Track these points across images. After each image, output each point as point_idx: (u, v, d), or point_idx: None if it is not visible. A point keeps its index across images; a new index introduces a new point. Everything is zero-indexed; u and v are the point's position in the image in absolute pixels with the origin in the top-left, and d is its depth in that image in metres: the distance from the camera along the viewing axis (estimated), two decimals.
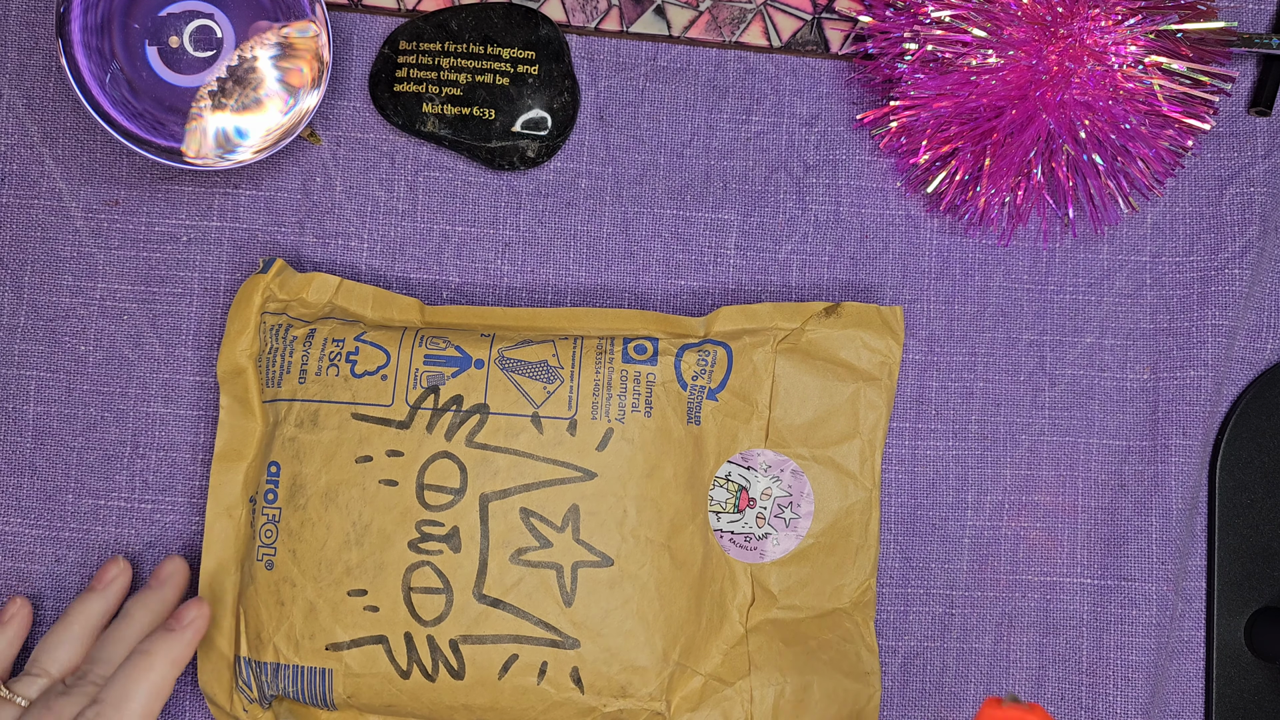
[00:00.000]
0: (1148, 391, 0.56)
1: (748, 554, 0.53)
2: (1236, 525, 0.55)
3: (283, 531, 0.51)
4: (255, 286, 0.53)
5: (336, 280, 0.53)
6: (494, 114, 0.55)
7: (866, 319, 0.54)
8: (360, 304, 0.53)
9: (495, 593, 0.49)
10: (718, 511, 0.53)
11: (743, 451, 0.53)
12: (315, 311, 0.53)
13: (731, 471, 0.53)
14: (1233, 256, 0.56)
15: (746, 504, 0.53)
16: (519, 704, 0.50)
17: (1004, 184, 0.53)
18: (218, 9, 0.51)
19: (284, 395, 0.51)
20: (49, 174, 0.55)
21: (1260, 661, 0.55)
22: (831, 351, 0.54)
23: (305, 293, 0.53)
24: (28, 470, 0.54)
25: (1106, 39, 0.51)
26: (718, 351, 0.52)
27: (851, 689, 0.52)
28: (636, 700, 0.50)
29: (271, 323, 0.52)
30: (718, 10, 0.56)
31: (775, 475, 0.53)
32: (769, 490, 0.53)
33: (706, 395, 0.52)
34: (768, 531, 0.53)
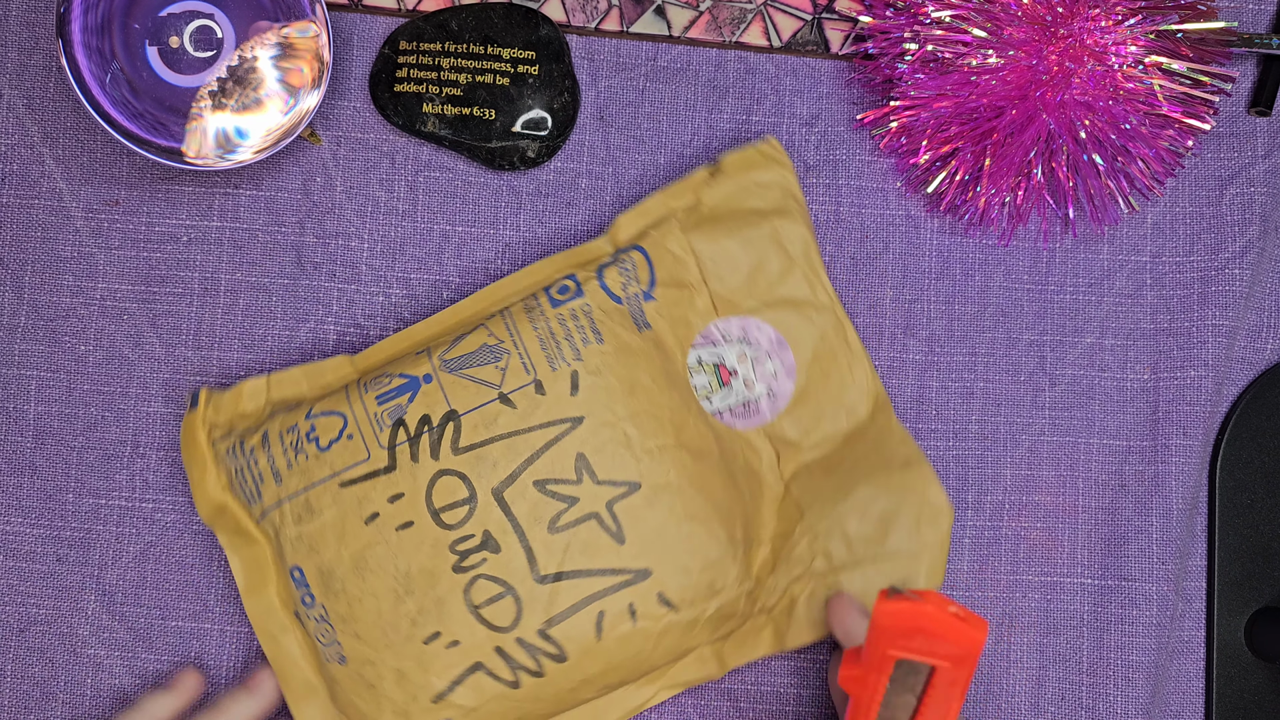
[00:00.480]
0: (1148, 391, 0.56)
1: (754, 419, 0.54)
2: (1237, 525, 0.55)
3: (336, 622, 0.51)
4: (194, 425, 0.52)
5: (263, 379, 0.53)
6: (494, 114, 0.55)
7: (749, 162, 0.54)
8: (294, 387, 0.53)
9: (552, 568, 0.50)
10: (707, 395, 0.53)
11: (700, 334, 0.53)
12: (258, 419, 0.52)
13: (700, 355, 0.53)
14: (1233, 256, 0.56)
15: (729, 376, 0.53)
16: (628, 652, 0.50)
17: (1004, 184, 0.53)
18: (218, 9, 0.51)
19: (270, 504, 0.51)
20: (49, 174, 0.55)
21: (1260, 661, 0.55)
22: (733, 206, 0.54)
23: (239, 405, 0.53)
24: (28, 470, 0.55)
25: (1106, 39, 0.51)
26: (634, 256, 0.53)
27: (904, 479, 0.52)
28: (728, 590, 0.51)
29: (224, 447, 0.52)
30: (718, 10, 0.56)
31: (740, 338, 0.53)
32: (742, 354, 0.53)
33: (643, 298, 0.52)
34: (760, 390, 0.53)
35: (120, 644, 0.54)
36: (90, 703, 0.54)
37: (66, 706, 0.54)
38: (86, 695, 0.54)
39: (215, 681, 0.55)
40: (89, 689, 0.54)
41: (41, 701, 0.54)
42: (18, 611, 0.54)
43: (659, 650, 0.51)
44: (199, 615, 0.55)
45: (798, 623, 0.52)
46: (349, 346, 0.55)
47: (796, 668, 0.55)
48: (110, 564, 0.54)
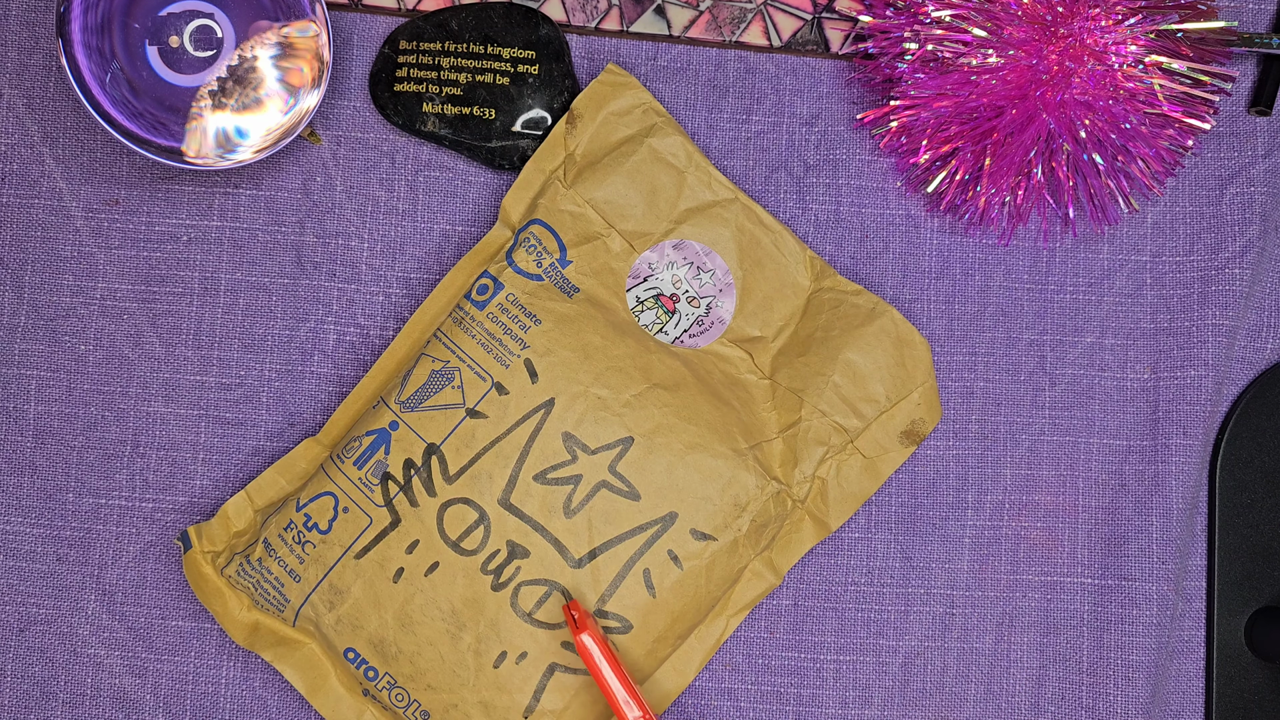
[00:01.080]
0: (1148, 391, 0.56)
1: (712, 332, 0.54)
2: (1237, 525, 0.55)
3: (406, 684, 0.51)
4: (195, 564, 0.52)
5: (242, 495, 0.53)
6: (494, 114, 0.55)
7: (600, 97, 0.54)
8: (274, 489, 0.53)
9: (584, 549, 0.50)
10: (660, 329, 0.53)
11: (629, 273, 0.53)
12: (253, 532, 0.53)
13: (637, 294, 0.54)
14: (1233, 256, 0.56)
15: (672, 304, 0.54)
16: (686, 596, 0.51)
17: (1004, 184, 0.53)
18: (218, 9, 0.51)
19: (299, 602, 0.52)
20: (49, 174, 0.55)
21: (1260, 661, 0.55)
22: (603, 144, 0.54)
23: (229, 528, 0.52)
24: (28, 469, 0.54)
25: (1107, 39, 0.51)
26: (535, 230, 0.53)
27: (874, 329, 0.53)
28: (756, 500, 0.52)
29: (233, 570, 0.52)
30: (718, 10, 0.56)
31: (666, 262, 0.54)
32: (676, 278, 0.54)
33: (560, 265, 0.53)
34: (707, 303, 0.54)
35: (120, 644, 0.54)
36: (90, 703, 0.54)
37: (66, 706, 0.54)
38: (86, 695, 0.54)
39: (214, 684, 0.54)
40: (89, 689, 0.54)
41: (41, 701, 0.54)
42: (18, 611, 0.54)
43: (713, 583, 0.52)
44: (199, 615, 0.55)
45: (833, 504, 0.53)
46: (349, 346, 0.55)
47: (797, 668, 0.55)
48: (110, 564, 0.54)
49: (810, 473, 0.53)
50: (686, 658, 0.53)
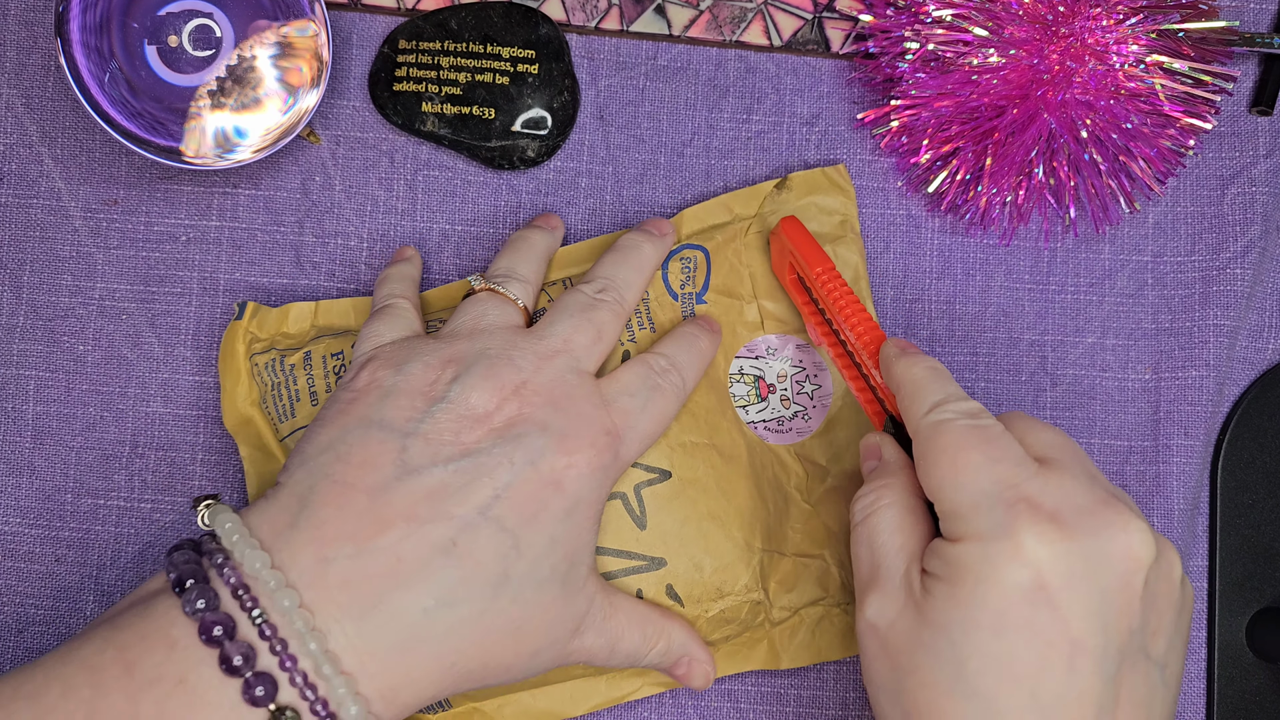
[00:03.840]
0: (1149, 392, 0.56)
1: (786, 436, 0.53)
2: (1238, 526, 0.55)
3: None
4: (235, 334, 0.52)
5: (311, 305, 0.53)
6: (494, 113, 0.54)
7: (815, 184, 0.54)
8: (342, 317, 0.53)
9: None
10: (744, 405, 0.53)
11: (746, 344, 0.53)
12: (300, 341, 0.52)
13: (743, 365, 0.53)
14: (1235, 256, 0.56)
15: (768, 391, 0.53)
16: None
17: (1005, 183, 0.53)
18: (217, 8, 0.51)
19: (302, 424, 0.51)
20: (48, 173, 0.55)
21: (1262, 662, 0.55)
22: None
23: (284, 325, 0.53)
24: (26, 470, 0.54)
25: (1108, 38, 0.51)
26: (697, 256, 0.52)
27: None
28: (735, 596, 0.50)
29: (263, 361, 0.52)
30: (718, 9, 0.56)
31: (784, 356, 0.53)
32: (783, 372, 0.53)
33: (695, 300, 0.52)
34: (796, 409, 0.53)
35: None
36: None
37: None
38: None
39: None
40: None
41: None
42: (16, 612, 0.54)
43: None
44: None
45: (798, 646, 0.52)
46: None
47: (797, 669, 0.55)
48: (109, 564, 0.54)
49: (796, 606, 0.52)
50: (588, 692, 0.52)
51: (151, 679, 0.37)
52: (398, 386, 0.43)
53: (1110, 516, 0.40)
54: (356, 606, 0.39)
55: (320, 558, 0.40)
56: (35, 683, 0.37)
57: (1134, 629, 0.40)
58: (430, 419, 0.42)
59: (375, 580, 0.40)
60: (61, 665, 0.38)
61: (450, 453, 0.42)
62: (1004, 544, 0.39)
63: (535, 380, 0.44)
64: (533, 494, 0.42)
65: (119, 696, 0.37)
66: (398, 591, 0.40)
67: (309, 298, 0.55)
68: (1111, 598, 0.39)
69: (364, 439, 0.42)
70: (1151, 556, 0.40)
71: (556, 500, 0.42)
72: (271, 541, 0.40)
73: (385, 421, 0.42)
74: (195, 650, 0.38)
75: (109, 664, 0.38)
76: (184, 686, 0.37)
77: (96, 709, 0.37)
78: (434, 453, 0.42)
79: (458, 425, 0.42)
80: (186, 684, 0.37)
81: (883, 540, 0.43)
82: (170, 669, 0.37)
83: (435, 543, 0.40)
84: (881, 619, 0.42)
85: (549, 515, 0.42)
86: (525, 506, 0.42)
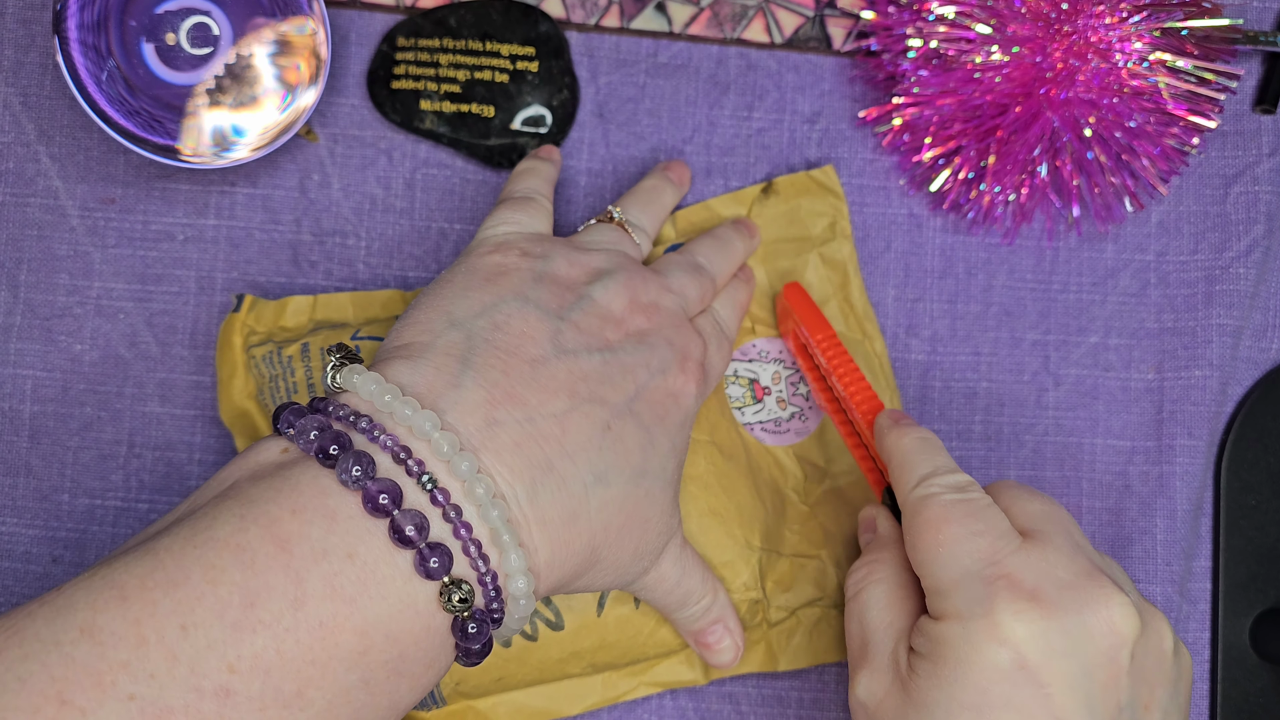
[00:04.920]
0: (1153, 391, 0.56)
1: (783, 437, 0.53)
2: (1242, 526, 0.55)
3: None
4: (232, 327, 0.52)
5: (309, 298, 0.52)
6: (493, 111, 0.54)
7: (802, 188, 0.54)
8: (340, 311, 0.53)
9: None
10: (740, 407, 0.53)
11: (740, 347, 0.53)
12: (297, 334, 0.52)
13: (737, 368, 0.53)
14: (1238, 255, 0.56)
15: (763, 393, 0.53)
16: (625, 634, 0.50)
17: (1008, 182, 0.53)
18: (215, 6, 0.51)
19: None
20: (45, 172, 0.55)
21: (1265, 663, 0.55)
22: (779, 230, 0.54)
23: (282, 319, 0.52)
24: (24, 470, 0.54)
25: (1111, 36, 0.51)
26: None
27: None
28: (734, 594, 0.50)
29: (260, 354, 0.51)
30: (719, 6, 0.56)
31: (777, 358, 0.53)
32: (777, 374, 0.53)
33: None
34: (792, 411, 0.53)
35: None
36: None
37: None
38: None
39: None
40: None
41: None
42: None
43: (653, 640, 0.50)
44: None
45: (794, 648, 0.52)
46: None
47: (799, 671, 0.54)
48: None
49: (793, 607, 0.52)
50: (584, 691, 0.51)
51: (316, 554, 0.34)
52: (548, 273, 0.44)
53: (1092, 591, 0.40)
54: (529, 472, 0.38)
55: (490, 419, 0.38)
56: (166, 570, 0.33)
57: (1122, 704, 0.40)
58: (579, 309, 0.43)
59: (546, 445, 0.39)
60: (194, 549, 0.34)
61: (597, 343, 0.43)
62: (983, 622, 0.39)
63: (660, 304, 0.46)
64: (661, 400, 0.43)
65: (279, 575, 0.33)
66: (565, 460, 0.39)
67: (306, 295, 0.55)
68: (1096, 674, 0.39)
69: (522, 312, 0.42)
70: (1135, 630, 0.40)
71: (675, 411, 0.44)
72: (435, 401, 0.38)
73: (540, 301, 0.43)
74: (360, 521, 0.35)
75: (257, 542, 0.34)
76: (353, 560, 0.34)
77: (255, 592, 0.33)
78: (585, 341, 0.42)
79: (601, 323, 0.43)
80: (356, 557, 0.34)
81: (872, 617, 0.43)
82: (336, 542, 0.34)
83: (597, 420, 0.41)
84: (871, 698, 0.42)
85: (672, 422, 0.44)
86: (656, 409, 0.43)
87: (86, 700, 0.30)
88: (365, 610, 0.34)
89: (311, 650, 0.33)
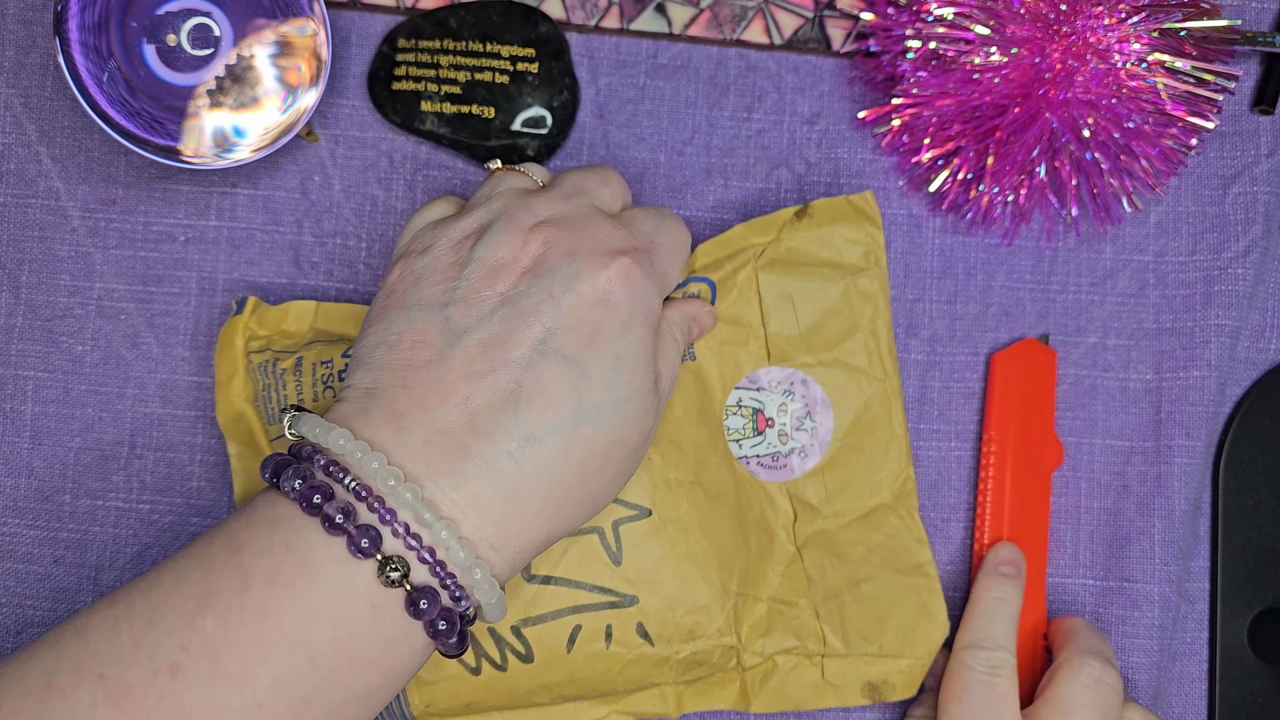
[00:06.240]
0: (1151, 392, 0.56)
1: (779, 473, 0.52)
2: (1240, 527, 0.55)
3: None
4: (235, 329, 0.52)
5: (314, 304, 0.52)
6: (493, 112, 0.54)
7: (839, 213, 0.52)
8: (340, 323, 0.52)
9: (544, 570, 0.49)
10: (738, 439, 0.52)
11: (748, 375, 0.52)
12: (298, 341, 0.52)
13: (742, 397, 0.52)
14: (1237, 256, 0.56)
15: (765, 425, 0.52)
16: (594, 671, 0.49)
17: (1007, 183, 0.53)
18: (216, 7, 0.51)
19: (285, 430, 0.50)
20: (46, 173, 0.55)
21: (1264, 663, 0.55)
22: (811, 254, 0.52)
23: (285, 323, 0.52)
24: (25, 471, 0.54)
25: (1110, 37, 0.51)
26: (702, 289, 0.52)
27: (910, 584, 0.52)
28: (707, 639, 0.50)
29: (258, 361, 0.51)
30: (719, 8, 0.56)
31: (786, 389, 0.52)
32: (784, 406, 0.52)
33: None
34: (793, 446, 0.52)
35: None
36: None
37: None
38: None
39: None
40: None
41: None
42: (14, 613, 0.54)
43: (623, 677, 0.50)
44: None
45: (769, 692, 0.52)
46: None
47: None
48: (107, 566, 0.54)
49: (769, 653, 0.51)
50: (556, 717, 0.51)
51: (260, 550, 0.38)
52: (427, 268, 0.44)
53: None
54: (445, 460, 0.40)
55: (397, 429, 0.40)
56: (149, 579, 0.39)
57: None
58: (464, 283, 0.43)
59: (455, 433, 0.40)
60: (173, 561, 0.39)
61: (490, 306, 0.42)
62: None
63: (558, 215, 0.44)
64: (584, 317, 0.42)
65: (230, 572, 0.38)
66: (479, 440, 0.40)
67: (308, 297, 0.55)
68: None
69: (408, 323, 0.42)
70: None
71: (609, 316, 0.42)
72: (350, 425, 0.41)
73: (422, 302, 0.43)
74: (299, 520, 0.39)
75: (217, 551, 0.39)
76: (291, 551, 0.38)
77: (209, 587, 0.38)
78: (476, 311, 0.42)
79: (489, 280, 0.42)
80: (293, 549, 0.38)
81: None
82: (278, 539, 0.39)
83: (501, 389, 0.41)
84: None
85: (607, 333, 0.42)
86: (581, 330, 0.42)
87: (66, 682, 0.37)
88: (305, 593, 0.38)
89: (255, 631, 0.37)
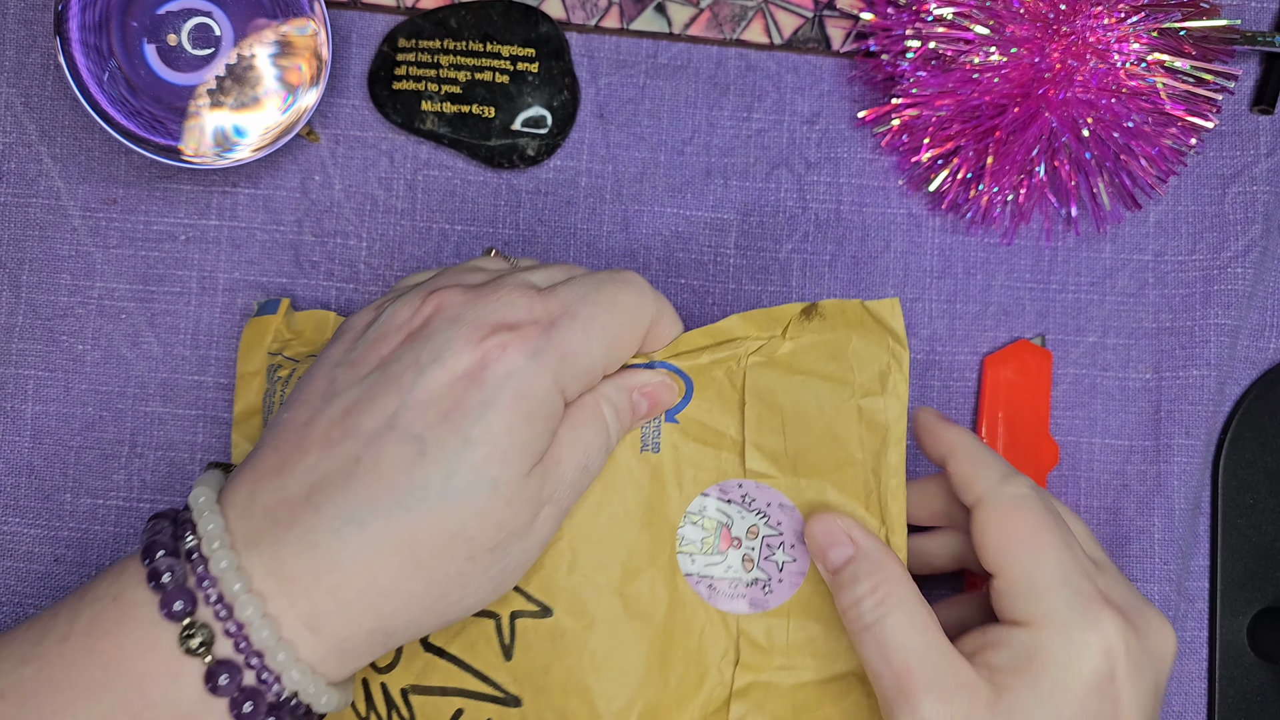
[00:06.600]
0: (1151, 391, 0.56)
1: (733, 603, 0.44)
2: (1239, 525, 0.55)
3: None
4: (265, 328, 0.51)
5: (332, 316, 0.52)
6: (494, 112, 0.54)
7: (855, 319, 0.44)
8: None
9: (439, 641, 0.45)
10: (690, 552, 0.44)
11: (720, 483, 0.44)
12: (310, 349, 0.51)
13: (706, 506, 0.44)
14: (1236, 255, 0.56)
15: (729, 544, 0.44)
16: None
17: (1006, 182, 0.53)
18: (216, 7, 0.51)
19: None
20: (47, 172, 0.55)
21: (1263, 662, 0.55)
22: (814, 364, 0.44)
23: (307, 330, 0.52)
24: (25, 470, 0.54)
25: (1109, 36, 0.51)
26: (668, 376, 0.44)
27: None
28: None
29: (269, 364, 0.51)
30: (718, 7, 0.56)
31: (760, 511, 0.44)
32: (754, 528, 0.44)
33: (664, 417, 0.44)
34: (758, 576, 0.44)
35: None
36: None
37: None
38: None
39: None
40: None
41: None
42: (15, 612, 0.54)
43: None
44: None
45: None
46: None
47: None
48: (108, 564, 0.54)
49: None
50: None
51: (94, 599, 0.39)
52: (350, 326, 0.43)
53: (1153, 617, 0.43)
54: (273, 531, 0.39)
55: (250, 492, 0.40)
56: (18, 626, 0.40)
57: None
58: (361, 344, 0.41)
59: (291, 504, 0.39)
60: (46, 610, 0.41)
61: (368, 369, 0.40)
62: (1088, 633, 0.40)
63: (468, 283, 0.41)
64: (443, 393, 0.39)
65: (65, 616, 0.39)
66: (308, 513, 0.38)
67: (307, 297, 0.55)
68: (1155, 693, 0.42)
69: (310, 379, 0.42)
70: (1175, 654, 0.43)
71: (469, 394, 0.38)
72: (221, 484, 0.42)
73: (328, 358, 0.42)
74: (137, 573, 0.39)
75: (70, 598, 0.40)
76: (117, 602, 0.39)
77: (43, 628, 0.39)
78: (356, 374, 0.40)
79: (379, 342, 0.41)
80: (120, 600, 0.39)
81: (909, 641, 0.40)
82: (112, 588, 0.39)
83: (344, 460, 0.38)
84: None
85: (460, 413, 0.38)
86: (436, 407, 0.38)
87: None
88: (115, 645, 0.38)
89: (68, 676, 0.37)
